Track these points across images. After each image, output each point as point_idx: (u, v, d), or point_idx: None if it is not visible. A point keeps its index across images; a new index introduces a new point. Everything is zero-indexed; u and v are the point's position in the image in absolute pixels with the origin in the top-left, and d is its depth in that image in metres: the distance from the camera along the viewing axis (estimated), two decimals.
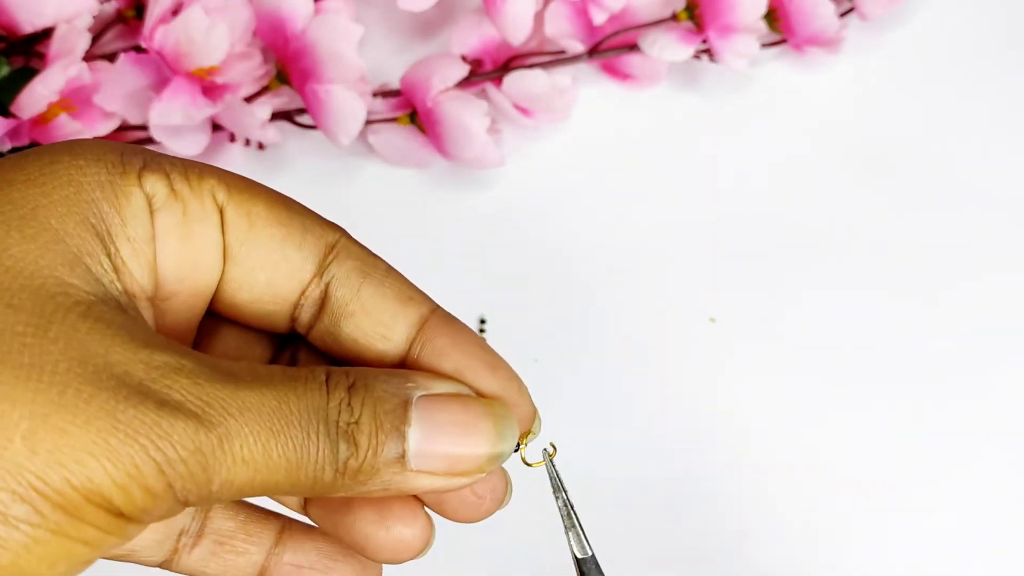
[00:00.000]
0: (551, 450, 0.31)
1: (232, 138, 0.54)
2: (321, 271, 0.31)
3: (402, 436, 0.28)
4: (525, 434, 0.31)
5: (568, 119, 0.55)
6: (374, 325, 0.31)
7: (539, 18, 0.53)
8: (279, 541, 0.33)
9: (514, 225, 0.54)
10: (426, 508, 0.31)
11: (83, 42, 0.48)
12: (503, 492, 0.31)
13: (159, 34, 0.49)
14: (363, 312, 0.31)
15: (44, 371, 0.26)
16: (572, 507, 0.31)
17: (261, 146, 0.55)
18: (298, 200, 0.32)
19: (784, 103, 0.56)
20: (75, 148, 0.29)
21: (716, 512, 0.50)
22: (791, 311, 0.52)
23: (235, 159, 0.54)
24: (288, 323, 0.32)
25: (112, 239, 0.28)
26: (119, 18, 0.53)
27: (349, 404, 0.28)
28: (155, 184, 0.29)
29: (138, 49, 0.51)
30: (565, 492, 0.31)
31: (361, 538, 0.31)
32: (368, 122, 0.52)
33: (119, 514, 0.26)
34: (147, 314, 0.30)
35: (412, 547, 0.31)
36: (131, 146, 0.30)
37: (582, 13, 0.54)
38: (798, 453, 0.50)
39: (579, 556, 0.30)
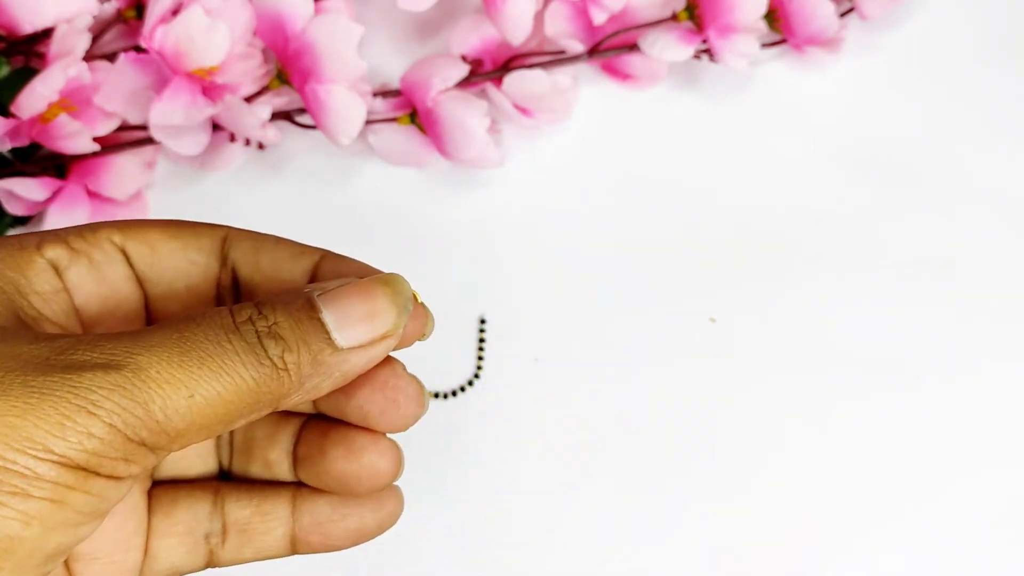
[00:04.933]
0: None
1: (232, 138, 0.54)
2: (223, 261, 0.36)
3: (320, 321, 0.32)
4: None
5: (568, 119, 0.55)
6: (279, 285, 0.36)
7: (539, 18, 0.53)
8: (295, 509, 0.36)
9: (514, 225, 0.54)
10: (389, 435, 0.35)
11: (83, 42, 0.48)
12: (416, 391, 0.34)
13: (159, 34, 0.49)
14: (267, 280, 0.35)
15: None
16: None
17: (261, 146, 0.55)
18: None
19: (784, 103, 0.56)
20: None
21: (715, 512, 0.50)
22: (791, 311, 0.52)
23: (235, 159, 0.54)
24: None
25: (23, 295, 0.34)
26: (119, 18, 0.53)
27: (261, 313, 0.31)
28: (55, 250, 0.35)
29: (138, 49, 0.51)
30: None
31: (340, 478, 0.35)
32: (368, 122, 0.52)
33: (76, 467, 0.28)
34: None
35: (385, 472, 0.35)
36: (28, 232, 0.36)
37: (582, 13, 0.54)
38: (798, 453, 0.50)
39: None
